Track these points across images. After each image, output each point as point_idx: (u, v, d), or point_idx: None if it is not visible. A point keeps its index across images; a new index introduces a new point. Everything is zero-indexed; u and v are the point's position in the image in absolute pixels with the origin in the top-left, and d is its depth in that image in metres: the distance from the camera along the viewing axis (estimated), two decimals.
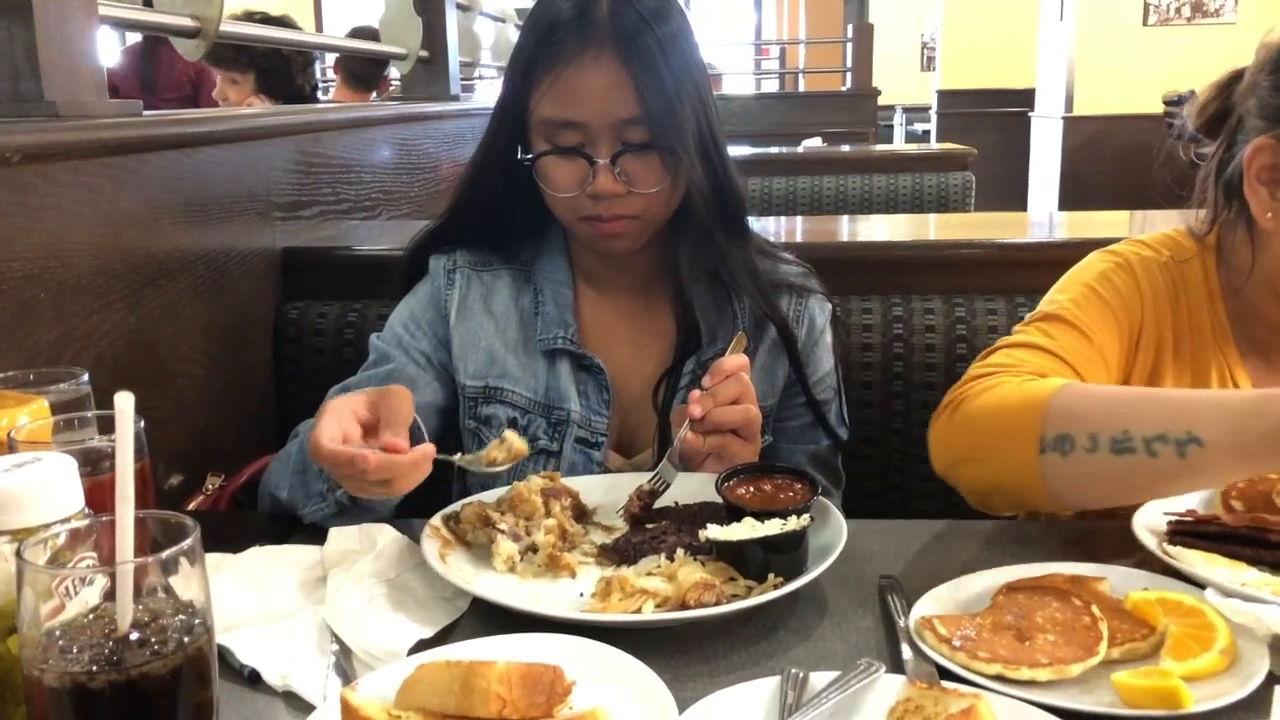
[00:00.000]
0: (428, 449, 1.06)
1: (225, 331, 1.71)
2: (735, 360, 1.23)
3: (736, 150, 4.48)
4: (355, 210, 2.34)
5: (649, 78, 1.25)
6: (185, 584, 0.67)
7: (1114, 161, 7.10)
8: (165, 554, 0.66)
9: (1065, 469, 1.07)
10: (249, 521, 1.39)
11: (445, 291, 1.42)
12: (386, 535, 1.12)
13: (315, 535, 1.16)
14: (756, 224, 1.75)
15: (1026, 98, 9.15)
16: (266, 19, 3.16)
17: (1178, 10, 7.45)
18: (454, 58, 3.23)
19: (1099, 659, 0.86)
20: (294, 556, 1.13)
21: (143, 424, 0.92)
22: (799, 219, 3.28)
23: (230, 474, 1.47)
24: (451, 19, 3.20)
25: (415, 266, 1.47)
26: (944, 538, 1.18)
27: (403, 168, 2.73)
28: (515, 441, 1.17)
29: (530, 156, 1.31)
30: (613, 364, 1.39)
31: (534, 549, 1.10)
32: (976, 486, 1.19)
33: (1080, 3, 7.81)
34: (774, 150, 4.68)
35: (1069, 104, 8.04)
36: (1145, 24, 7.56)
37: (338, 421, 1.07)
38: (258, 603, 1.03)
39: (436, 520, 1.14)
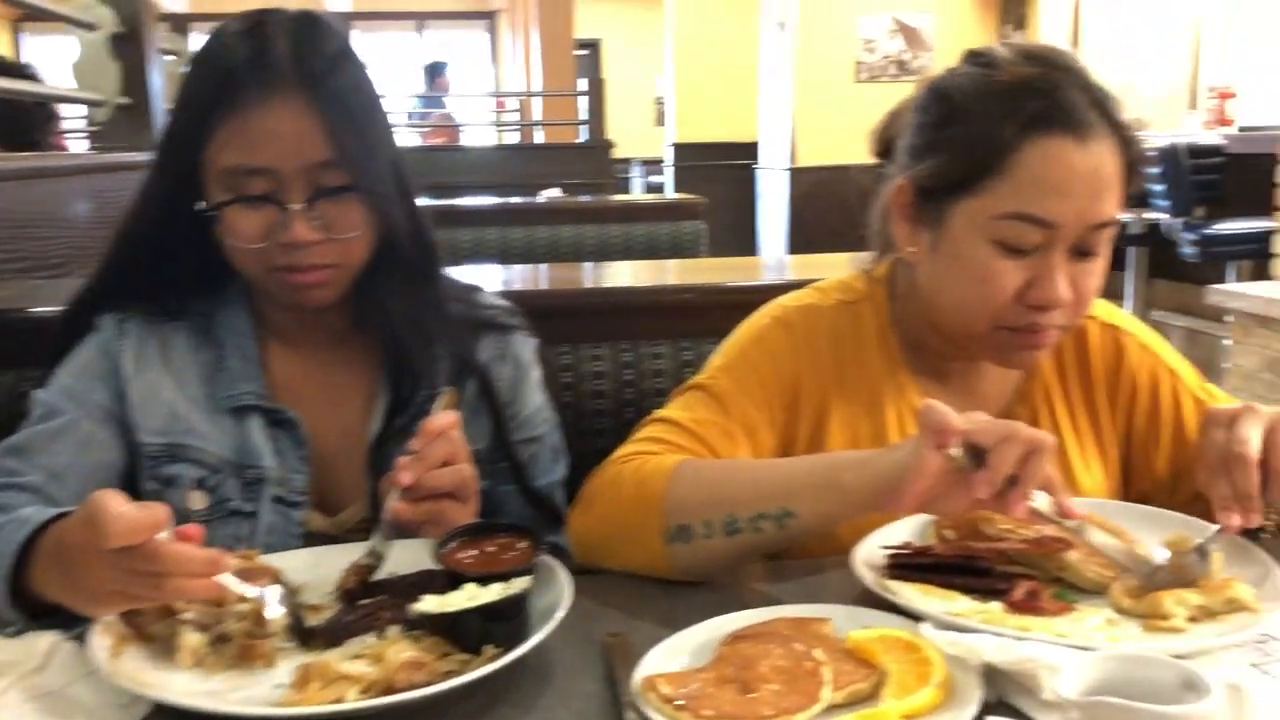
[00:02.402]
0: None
1: None
2: (443, 419, 1.16)
3: (449, 200, 4.44)
4: (38, 268, 2.12)
5: (342, 119, 1.18)
6: None
7: (837, 209, 7.52)
8: None
9: (691, 555, 1.12)
10: None
11: (117, 343, 1.29)
12: (49, 641, 0.97)
13: None
14: (498, 272, 1.68)
15: (754, 150, 9.60)
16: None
17: (884, 68, 8.04)
18: (158, 104, 3.01)
19: (822, 706, 0.85)
20: None
21: None
22: (542, 267, 3.25)
23: None
24: (155, 64, 2.99)
25: (73, 328, 1.32)
26: (673, 587, 1.15)
27: (101, 221, 2.51)
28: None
29: (211, 208, 1.21)
30: (309, 417, 1.29)
31: (225, 638, 0.98)
32: (619, 570, 1.18)
33: (796, 60, 8.29)
34: (515, 200, 4.66)
35: (792, 156, 8.49)
36: (857, 80, 8.12)
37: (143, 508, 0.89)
38: None
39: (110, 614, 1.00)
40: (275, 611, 0.99)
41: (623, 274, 2.44)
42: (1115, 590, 1.02)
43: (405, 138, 11.07)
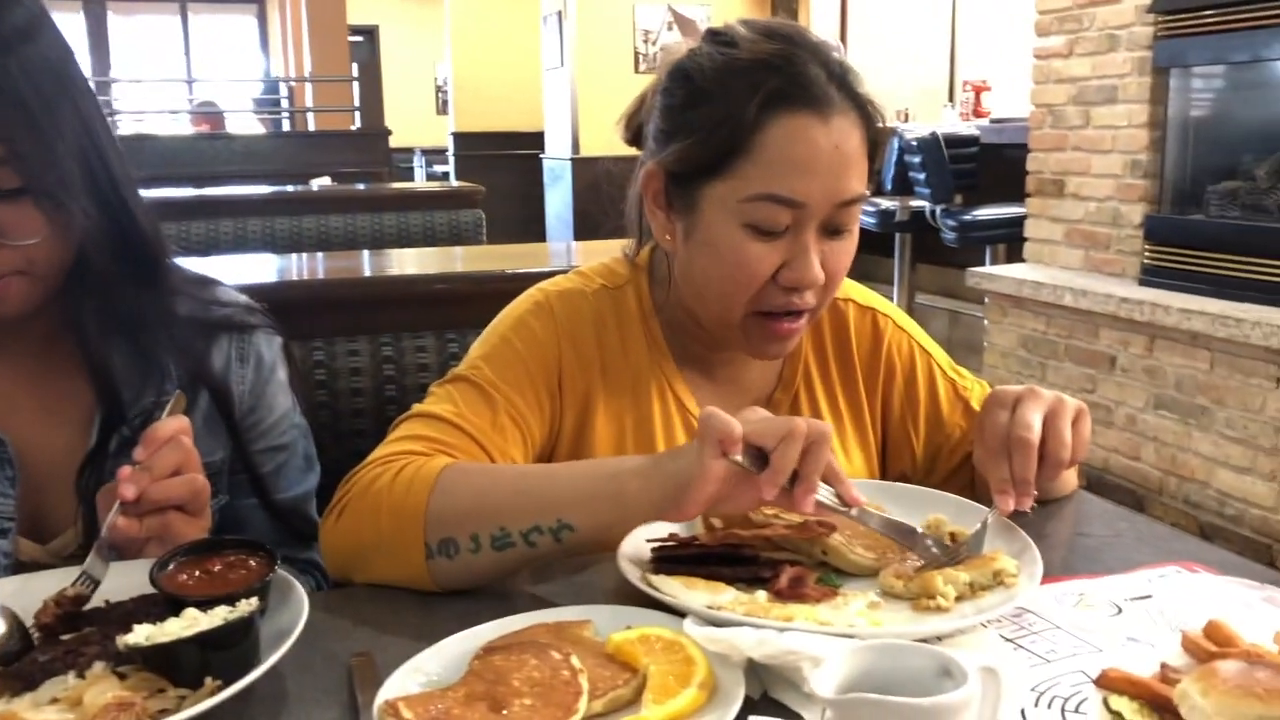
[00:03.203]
0: None
1: None
2: (172, 424, 1.05)
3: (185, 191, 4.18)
4: None
5: (12, 111, 1.02)
6: None
7: (622, 199, 7.56)
8: None
9: (454, 570, 1.03)
10: None
11: None
12: None
13: None
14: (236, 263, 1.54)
15: (539, 140, 9.55)
16: None
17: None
18: None
19: (579, 717, 0.79)
20: None
21: None
22: (294, 257, 3.08)
23: None
24: None
25: None
26: (429, 596, 1.06)
27: None
28: None
29: None
30: (17, 437, 1.15)
31: None
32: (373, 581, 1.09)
33: (577, 51, 8.28)
34: (289, 189, 4.43)
35: (575, 146, 8.48)
36: (636, 71, 8.17)
37: None
38: None
39: None
40: None
41: (388, 262, 2.33)
42: (885, 574, 1.01)
43: (171, 126, 10.44)
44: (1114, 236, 4.11)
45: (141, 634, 0.85)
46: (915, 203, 5.55)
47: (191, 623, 0.87)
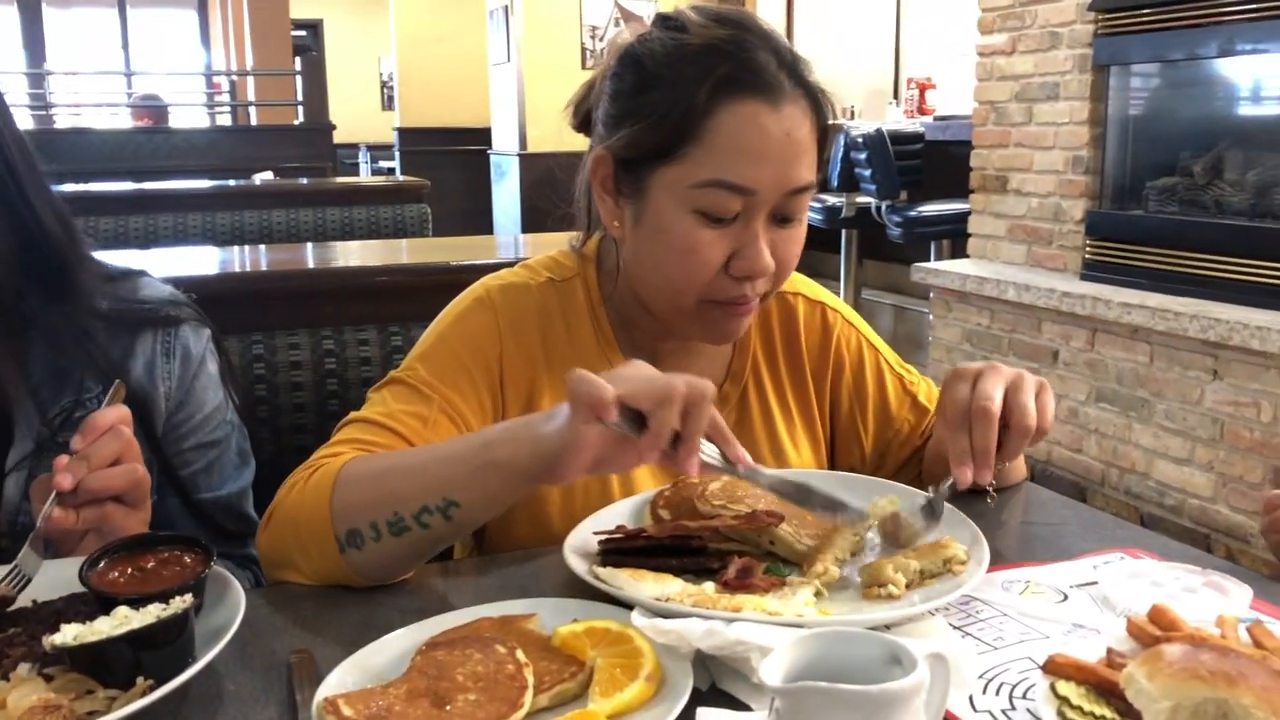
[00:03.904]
0: None
1: None
2: (113, 413, 1.02)
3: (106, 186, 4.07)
4: None
5: None
6: None
7: (566, 195, 7.53)
8: None
9: (366, 560, 1.02)
10: None
11: None
12: None
13: None
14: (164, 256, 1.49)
15: (486, 136, 9.48)
16: None
17: None
18: None
19: (524, 712, 0.77)
20: None
21: None
22: (237, 249, 3.02)
23: None
24: None
25: None
26: (370, 592, 1.04)
27: None
28: None
29: None
30: None
31: None
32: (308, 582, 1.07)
33: (524, 45, 8.24)
34: (231, 184, 4.36)
35: (522, 141, 8.43)
36: (584, 66, 8.14)
37: None
38: None
39: None
40: None
41: (330, 255, 2.29)
42: (807, 563, 1.00)
43: (111, 120, 10.23)
44: (1056, 232, 4.17)
45: (69, 634, 0.82)
46: (861, 199, 5.59)
47: (122, 621, 0.84)
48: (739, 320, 1.18)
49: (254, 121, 9.03)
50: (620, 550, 1.02)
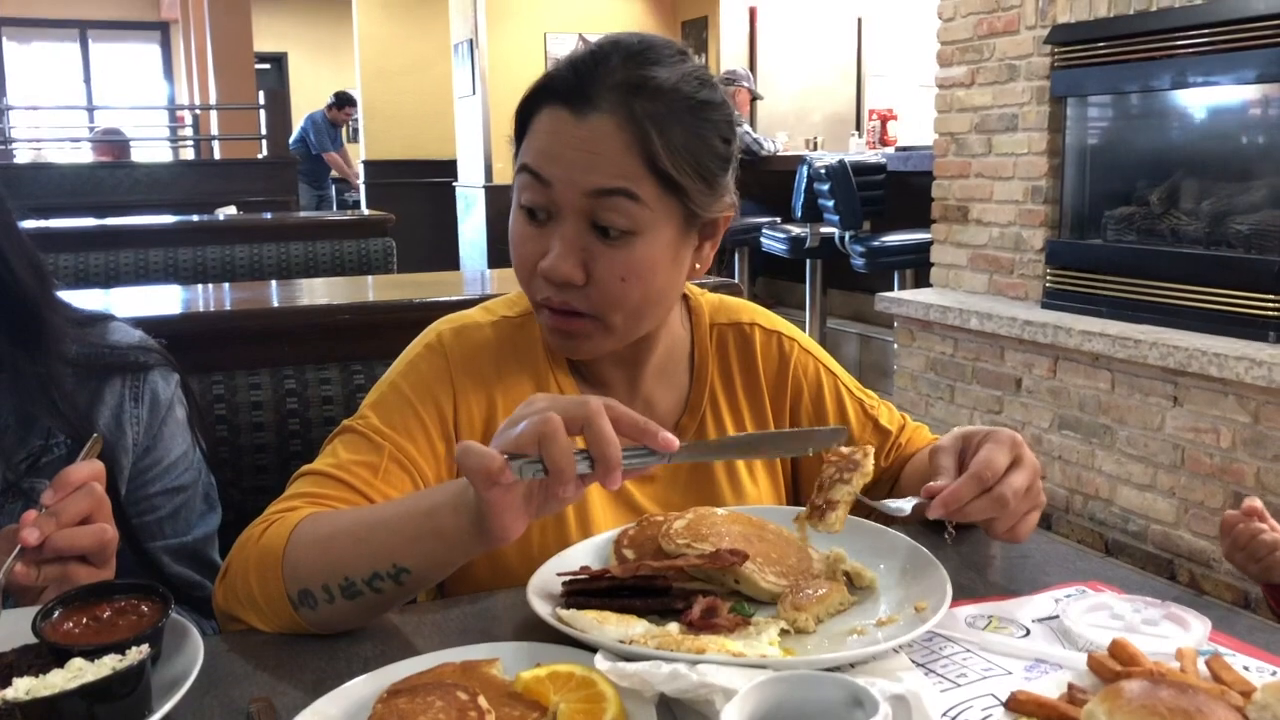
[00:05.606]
0: None
1: None
2: (86, 468, 1.00)
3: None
4: None
5: None
6: None
7: None
8: None
9: (320, 619, 1.02)
10: None
11: None
12: None
13: None
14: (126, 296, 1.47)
15: (451, 168, 9.49)
16: None
17: None
18: None
19: None
20: None
21: None
22: (200, 288, 3.00)
23: None
24: None
25: None
26: (332, 638, 1.03)
27: None
28: None
29: None
30: None
31: None
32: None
33: (490, 78, 8.27)
34: (194, 219, 4.32)
35: (489, 174, 8.45)
36: None
37: None
38: None
39: None
40: None
41: (293, 292, 2.27)
42: (784, 606, 0.99)
43: (72, 155, 10.15)
44: (1016, 261, 4.22)
45: (22, 688, 0.81)
46: (825, 229, 5.64)
47: (77, 674, 0.82)
48: (559, 332, 1.18)
49: (217, 155, 8.99)
50: (584, 591, 1.01)
